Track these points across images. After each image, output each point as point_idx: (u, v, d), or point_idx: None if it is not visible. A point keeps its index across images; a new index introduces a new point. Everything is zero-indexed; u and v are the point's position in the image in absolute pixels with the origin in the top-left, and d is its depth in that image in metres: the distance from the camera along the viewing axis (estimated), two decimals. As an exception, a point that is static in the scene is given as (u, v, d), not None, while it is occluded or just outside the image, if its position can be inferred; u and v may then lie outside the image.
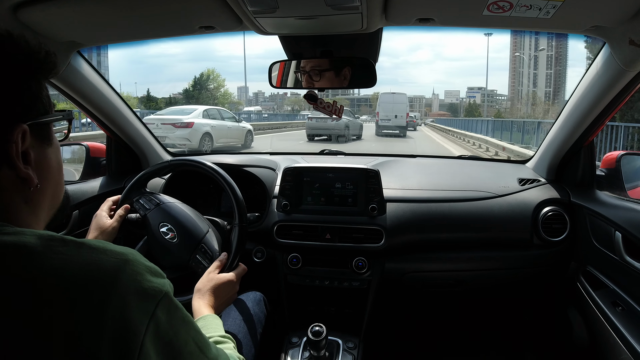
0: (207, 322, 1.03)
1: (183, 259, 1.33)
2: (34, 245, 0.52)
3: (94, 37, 1.44)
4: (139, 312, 0.53)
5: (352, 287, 1.68)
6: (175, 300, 0.59)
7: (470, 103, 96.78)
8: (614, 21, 1.15)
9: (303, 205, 1.73)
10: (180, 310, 0.60)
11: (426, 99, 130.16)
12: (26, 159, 0.59)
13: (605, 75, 1.38)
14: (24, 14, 1.13)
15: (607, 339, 1.40)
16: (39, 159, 0.62)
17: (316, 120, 16.12)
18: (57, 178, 0.67)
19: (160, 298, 0.56)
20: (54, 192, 0.67)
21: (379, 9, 1.12)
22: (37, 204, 0.63)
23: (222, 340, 0.96)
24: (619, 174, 1.70)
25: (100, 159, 2.06)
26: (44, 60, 0.62)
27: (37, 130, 0.61)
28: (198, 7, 1.17)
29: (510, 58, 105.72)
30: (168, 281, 0.59)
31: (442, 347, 2.15)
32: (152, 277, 0.57)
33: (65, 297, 0.50)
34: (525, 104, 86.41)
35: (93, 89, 1.66)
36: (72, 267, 0.52)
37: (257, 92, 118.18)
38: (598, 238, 1.55)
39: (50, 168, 0.65)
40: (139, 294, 0.54)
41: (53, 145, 0.66)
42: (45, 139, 0.63)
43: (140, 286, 0.54)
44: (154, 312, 0.54)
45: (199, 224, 1.39)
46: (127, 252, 0.57)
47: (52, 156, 0.65)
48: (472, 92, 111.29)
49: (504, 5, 1.07)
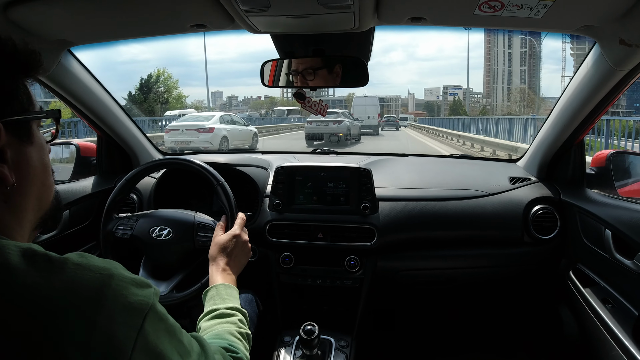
0: (217, 292, 1.03)
1: (188, 246, 1.34)
2: (16, 263, 0.51)
3: (84, 36, 1.42)
4: (126, 328, 0.52)
5: (344, 285, 1.69)
6: (161, 310, 0.59)
7: (455, 100, 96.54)
8: (604, 20, 1.16)
9: (295, 204, 1.73)
10: (165, 321, 0.59)
11: (402, 98, 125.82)
12: (2, 158, 0.57)
13: (596, 75, 1.39)
14: (14, 12, 1.12)
15: (597, 336, 1.41)
16: (17, 157, 0.60)
17: (316, 124, 16.09)
18: (42, 178, 0.65)
19: (147, 311, 0.55)
20: (39, 194, 0.65)
21: (371, 8, 1.12)
22: (18, 205, 0.61)
23: (227, 313, 0.96)
24: (609, 172, 1.72)
25: (91, 158, 2.04)
26: (27, 59, 0.61)
27: (13, 128, 0.59)
28: (189, 6, 1.16)
29: (484, 55, 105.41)
30: (153, 290, 0.59)
31: (434, 345, 2.16)
32: (137, 290, 0.56)
33: (50, 318, 0.49)
34: (501, 101, 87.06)
35: (84, 87, 1.64)
36: (55, 287, 0.50)
37: (230, 97, 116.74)
38: (588, 236, 1.57)
39: (30, 167, 0.63)
40: (126, 309, 0.53)
41: (35, 144, 0.64)
42: (24, 137, 0.62)
43: (126, 300, 0.54)
44: (142, 325, 0.54)
45: (184, 212, 1.42)
46: (110, 266, 0.56)
47: (33, 155, 0.63)
48: (455, 89, 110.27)
49: (495, 4, 1.08)
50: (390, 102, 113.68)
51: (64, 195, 1.68)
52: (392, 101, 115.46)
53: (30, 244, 0.55)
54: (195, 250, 1.34)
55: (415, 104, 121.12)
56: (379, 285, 1.74)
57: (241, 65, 78.02)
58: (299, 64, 1.49)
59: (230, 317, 0.95)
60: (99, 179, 1.92)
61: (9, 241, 0.54)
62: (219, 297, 1.01)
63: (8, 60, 0.59)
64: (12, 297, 0.49)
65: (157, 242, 1.34)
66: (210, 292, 1.03)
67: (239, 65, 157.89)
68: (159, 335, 0.56)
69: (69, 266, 0.53)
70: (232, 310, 0.97)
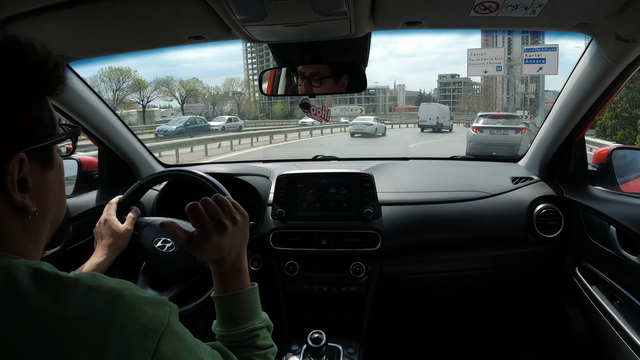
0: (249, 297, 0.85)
1: (189, 263, 1.33)
2: (27, 287, 0.48)
3: (83, 51, 1.43)
4: (140, 350, 0.50)
5: (350, 292, 1.68)
6: (178, 328, 0.56)
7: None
8: (600, 17, 1.16)
9: (298, 212, 1.72)
10: (184, 340, 0.56)
11: (390, 91, 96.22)
12: (23, 186, 0.55)
13: (594, 71, 1.40)
14: (12, 28, 1.12)
15: (606, 333, 1.40)
16: (39, 184, 0.57)
17: (355, 126, 23.84)
18: (59, 201, 0.63)
19: (162, 331, 0.52)
20: (55, 216, 0.63)
21: (367, 14, 1.13)
22: (36, 230, 0.59)
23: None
24: (610, 168, 1.71)
25: (93, 173, 2.04)
26: (50, 74, 0.57)
27: (37, 155, 0.56)
28: (186, 18, 1.17)
29: (481, 42, 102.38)
30: (169, 307, 0.56)
31: (442, 348, 2.15)
32: (151, 309, 0.53)
33: (62, 342, 0.47)
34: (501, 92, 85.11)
35: (83, 102, 1.65)
36: (67, 311, 0.49)
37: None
38: (593, 233, 1.56)
39: (50, 192, 0.60)
40: (139, 331, 0.51)
41: (55, 168, 0.61)
42: (46, 163, 0.59)
43: (139, 322, 0.51)
44: (157, 347, 0.51)
45: (188, 226, 1.39)
46: (122, 287, 0.53)
47: (53, 180, 0.61)
48: (452, 80, 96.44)
49: (490, 5, 1.08)
50: (377, 94, 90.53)
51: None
52: (379, 93, 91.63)
53: (40, 262, 0.53)
54: (194, 269, 1.33)
55: (405, 96, 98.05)
56: (384, 290, 1.73)
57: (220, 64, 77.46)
58: (307, 69, 1.49)
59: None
60: (101, 193, 1.92)
61: (19, 260, 0.52)
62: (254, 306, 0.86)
63: (32, 75, 0.56)
64: (22, 321, 0.47)
65: (159, 253, 1.34)
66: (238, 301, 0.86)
67: (218, 63, 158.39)
68: (177, 356, 0.54)
69: (80, 288, 0.51)
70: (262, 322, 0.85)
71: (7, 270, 0.49)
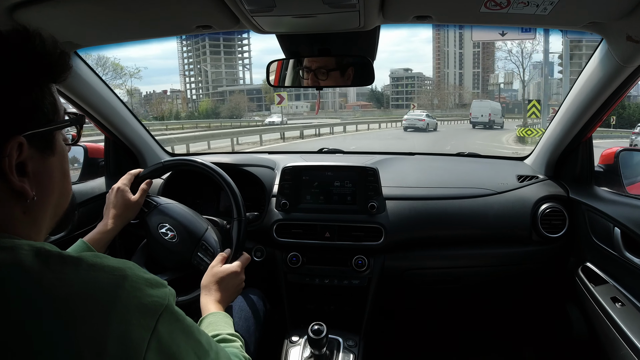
0: (216, 319, 1.03)
1: (185, 258, 1.33)
2: (30, 264, 0.50)
3: (91, 38, 1.43)
4: (140, 329, 0.52)
5: (352, 285, 1.69)
6: (177, 310, 0.58)
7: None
8: (611, 17, 1.15)
9: (302, 204, 1.73)
10: (181, 321, 0.59)
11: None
12: (23, 171, 0.56)
13: (603, 72, 1.38)
14: (20, 14, 1.13)
15: (606, 334, 1.40)
16: (39, 169, 0.58)
17: (410, 121, 27.07)
18: (61, 187, 0.64)
19: (162, 312, 0.54)
20: (58, 202, 0.64)
21: (376, 7, 1.12)
22: (37, 215, 0.60)
23: (230, 339, 0.95)
24: (617, 169, 1.70)
25: (99, 160, 2.05)
26: (56, 62, 0.58)
27: (37, 140, 0.57)
28: (195, 7, 1.16)
29: (433, 36, 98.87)
30: (169, 290, 0.58)
31: (442, 344, 2.15)
32: (151, 290, 0.55)
33: (64, 319, 0.48)
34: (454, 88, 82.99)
35: (90, 89, 1.65)
36: (70, 287, 0.50)
37: (150, 93, 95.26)
38: (597, 234, 1.55)
39: (51, 179, 0.61)
40: (140, 310, 0.53)
41: (57, 154, 0.61)
42: (47, 148, 0.59)
43: (140, 302, 0.53)
44: (155, 326, 0.53)
45: (198, 222, 1.40)
46: (124, 266, 0.55)
47: (54, 166, 0.61)
48: (406, 74, 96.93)
49: (501, 2, 1.07)
50: (325, 90, 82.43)
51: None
52: (328, 89, 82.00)
53: (43, 243, 0.54)
54: (188, 264, 1.34)
55: (356, 92, 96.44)
56: (386, 284, 1.74)
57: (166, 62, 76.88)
58: (313, 62, 1.48)
59: (233, 342, 0.95)
60: (107, 180, 1.93)
61: (22, 240, 0.53)
62: (217, 324, 1.01)
63: (36, 62, 0.57)
64: (26, 298, 0.48)
65: (160, 239, 1.35)
66: (208, 319, 1.03)
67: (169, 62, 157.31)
68: (173, 337, 0.56)
69: (83, 267, 0.52)
70: (234, 336, 0.97)
71: (10, 250, 0.51)
